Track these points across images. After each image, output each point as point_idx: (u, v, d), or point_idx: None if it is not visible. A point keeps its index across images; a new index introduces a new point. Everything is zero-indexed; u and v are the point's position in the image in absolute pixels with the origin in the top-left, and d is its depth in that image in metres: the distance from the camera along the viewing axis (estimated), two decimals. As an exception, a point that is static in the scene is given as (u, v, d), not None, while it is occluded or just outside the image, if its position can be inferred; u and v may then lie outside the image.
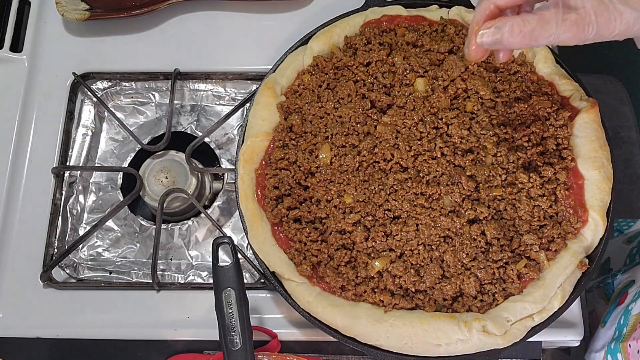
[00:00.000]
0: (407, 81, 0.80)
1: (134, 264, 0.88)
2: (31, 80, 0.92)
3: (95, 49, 0.94)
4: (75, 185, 0.91)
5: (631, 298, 0.80)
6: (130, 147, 0.93)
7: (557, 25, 0.55)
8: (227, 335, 0.67)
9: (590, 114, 0.77)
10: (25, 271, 0.83)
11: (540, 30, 0.55)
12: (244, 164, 0.78)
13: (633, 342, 0.72)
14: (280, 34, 0.92)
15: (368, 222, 0.74)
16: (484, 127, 0.77)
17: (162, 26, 0.95)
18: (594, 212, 0.73)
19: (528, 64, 0.81)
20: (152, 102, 0.95)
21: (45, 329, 0.81)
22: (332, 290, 0.73)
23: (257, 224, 0.75)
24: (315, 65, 0.82)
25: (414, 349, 0.69)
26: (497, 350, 0.69)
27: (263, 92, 0.81)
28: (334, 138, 0.77)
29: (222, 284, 0.68)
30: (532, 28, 0.55)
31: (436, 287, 0.71)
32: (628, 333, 0.74)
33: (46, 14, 0.96)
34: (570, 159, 0.75)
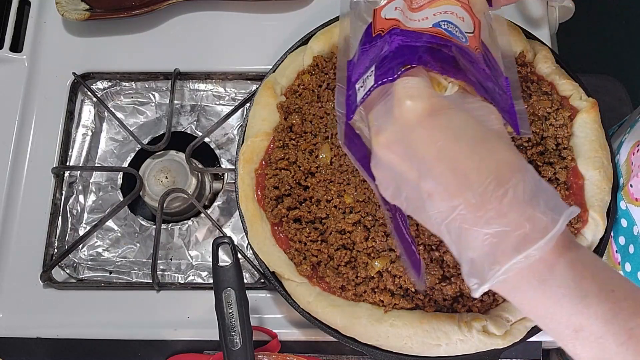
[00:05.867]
0: (407, 81, 0.80)
1: (134, 264, 0.88)
2: (31, 80, 0.92)
3: (95, 49, 0.94)
4: (75, 185, 0.91)
5: (614, 152, 0.79)
6: (130, 147, 0.93)
7: None
8: (227, 335, 0.67)
9: (590, 114, 0.77)
10: (25, 271, 0.83)
11: None
12: (244, 164, 0.78)
13: (634, 180, 0.71)
14: (280, 34, 0.92)
15: (368, 222, 0.74)
16: (484, 127, 0.77)
17: (162, 26, 0.95)
18: (594, 212, 0.73)
19: (528, 64, 0.81)
20: (152, 102, 0.95)
21: (45, 329, 0.81)
22: (332, 290, 0.73)
23: (257, 224, 0.75)
24: (315, 65, 0.82)
25: (414, 349, 0.69)
26: (497, 350, 0.69)
27: (263, 92, 0.81)
28: (334, 138, 0.77)
29: (222, 284, 0.68)
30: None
31: (436, 287, 0.71)
32: (625, 180, 0.74)
33: (46, 14, 0.96)
34: (570, 159, 0.75)
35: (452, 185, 0.42)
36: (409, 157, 0.44)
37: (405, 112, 0.44)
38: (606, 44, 1.59)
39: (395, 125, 0.45)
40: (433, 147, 0.43)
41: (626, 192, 0.73)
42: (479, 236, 0.41)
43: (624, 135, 0.79)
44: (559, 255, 0.42)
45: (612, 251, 0.76)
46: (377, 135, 0.46)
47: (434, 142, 0.43)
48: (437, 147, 0.43)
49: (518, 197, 0.41)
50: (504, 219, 0.41)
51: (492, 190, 0.41)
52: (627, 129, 0.79)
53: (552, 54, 0.82)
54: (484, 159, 0.42)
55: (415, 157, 0.44)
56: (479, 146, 0.43)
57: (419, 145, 0.43)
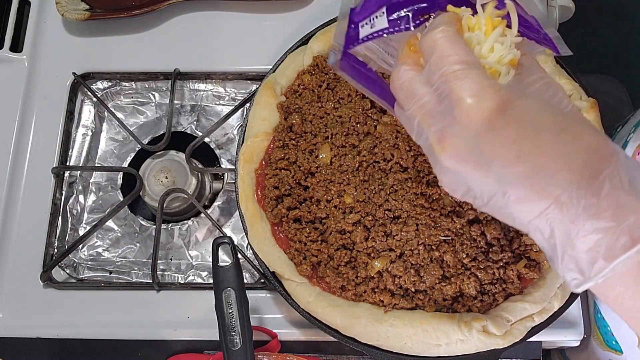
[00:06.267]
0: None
1: (134, 264, 0.88)
2: (31, 80, 0.92)
3: (95, 49, 0.94)
4: (75, 185, 0.91)
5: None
6: (130, 147, 0.93)
7: None
8: (227, 335, 0.67)
9: (590, 114, 0.76)
10: (25, 271, 0.83)
11: None
12: (244, 164, 0.78)
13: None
14: (280, 34, 0.92)
15: (368, 222, 0.74)
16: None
17: (162, 26, 0.95)
18: (594, 212, 0.72)
19: (528, 64, 0.81)
20: (152, 102, 0.95)
21: (45, 329, 0.81)
22: (332, 290, 0.73)
23: (257, 224, 0.75)
24: (315, 65, 0.82)
25: (414, 349, 0.69)
26: (497, 350, 0.69)
27: (263, 92, 0.81)
28: (334, 138, 0.77)
29: (222, 284, 0.68)
30: None
31: (436, 287, 0.71)
32: None
33: (46, 14, 0.96)
34: (570, 159, 0.75)
35: (541, 185, 0.38)
36: (484, 164, 0.40)
37: (470, 114, 0.39)
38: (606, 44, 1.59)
39: (461, 131, 0.40)
40: (512, 147, 0.38)
41: None
42: (579, 233, 0.37)
43: (629, 135, 0.78)
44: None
45: None
46: (441, 144, 0.41)
47: (512, 143, 0.38)
48: (516, 147, 0.38)
49: (616, 187, 0.37)
50: (606, 213, 0.37)
51: (586, 184, 0.37)
52: (631, 129, 0.79)
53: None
54: (569, 151, 0.38)
55: (492, 163, 0.39)
56: (562, 136, 0.38)
57: (495, 149, 0.39)
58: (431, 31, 0.42)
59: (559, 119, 0.39)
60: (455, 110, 0.40)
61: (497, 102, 0.39)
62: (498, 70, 0.44)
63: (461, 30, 0.44)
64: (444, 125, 0.41)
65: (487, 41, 0.44)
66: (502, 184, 0.39)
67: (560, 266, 0.40)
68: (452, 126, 0.40)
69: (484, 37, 0.44)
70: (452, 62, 0.40)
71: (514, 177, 0.39)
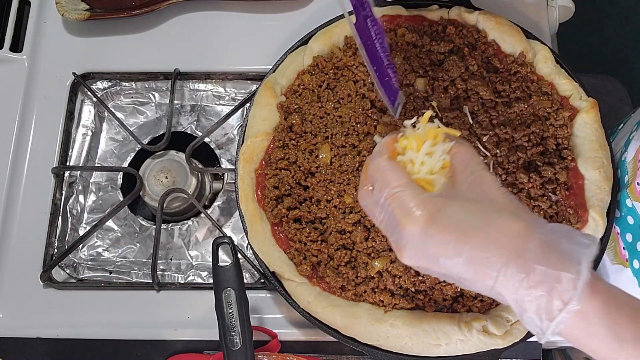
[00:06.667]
0: (407, 81, 0.80)
1: (134, 264, 0.88)
2: (31, 80, 0.92)
3: (95, 49, 0.94)
4: (75, 185, 0.91)
5: (620, 150, 0.79)
6: (130, 147, 0.93)
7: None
8: (227, 335, 0.67)
9: (590, 114, 0.77)
10: (25, 271, 0.83)
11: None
12: (244, 164, 0.78)
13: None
14: (280, 34, 0.92)
15: (368, 222, 0.74)
16: (484, 127, 0.77)
17: (162, 26, 0.95)
18: (594, 212, 0.73)
19: (528, 64, 0.81)
20: (152, 102, 0.95)
21: (45, 329, 0.81)
22: (332, 290, 0.73)
23: (257, 224, 0.75)
24: (315, 65, 0.82)
25: (414, 349, 0.69)
26: (497, 350, 0.69)
27: (263, 92, 0.81)
28: (334, 138, 0.77)
29: (222, 284, 0.68)
30: None
31: (436, 287, 0.71)
32: (631, 177, 0.74)
33: (46, 14, 0.96)
34: (570, 159, 0.75)
35: (479, 272, 0.47)
36: (433, 261, 0.48)
37: (409, 228, 0.48)
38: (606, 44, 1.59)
39: (408, 241, 0.49)
40: (448, 247, 0.47)
41: (632, 190, 0.73)
42: (524, 302, 0.46)
43: (632, 132, 0.79)
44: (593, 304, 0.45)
45: (619, 248, 0.76)
46: (398, 252, 0.50)
47: (447, 243, 0.47)
48: (451, 246, 0.47)
49: (539, 261, 0.45)
50: (538, 287, 0.45)
51: (514, 265, 0.45)
52: (634, 127, 0.79)
53: (552, 54, 0.82)
54: (495, 241, 0.46)
55: (437, 258, 0.48)
56: (486, 230, 0.47)
57: (437, 250, 0.47)
58: (372, 160, 0.53)
59: (482, 217, 0.48)
60: (398, 226, 0.49)
61: (427, 214, 0.48)
62: (431, 180, 0.52)
63: (395, 153, 0.54)
64: (397, 237, 0.50)
65: (417, 158, 0.53)
66: (453, 272, 0.48)
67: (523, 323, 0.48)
68: (401, 238, 0.49)
69: (415, 154, 0.53)
70: (390, 187, 0.50)
71: (457, 270, 0.47)
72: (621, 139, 0.82)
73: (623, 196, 0.75)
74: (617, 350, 0.45)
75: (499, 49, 0.83)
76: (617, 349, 0.45)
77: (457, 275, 0.48)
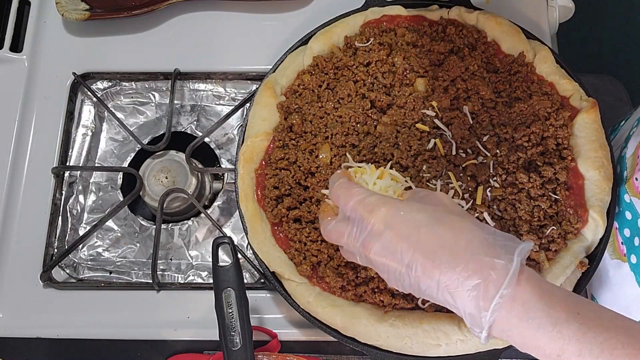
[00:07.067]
0: (407, 81, 0.80)
1: (134, 264, 0.88)
2: (31, 80, 0.92)
3: (95, 49, 0.94)
4: (75, 185, 0.91)
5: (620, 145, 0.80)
6: (130, 147, 0.93)
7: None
8: (227, 335, 0.67)
9: (590, 114, 0.77)
10: (25, 271, 0.83)
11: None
12: (244, 164, 0.78)
13: (639, 173, 0.72)
14: (280, 34, 0.92)
15: (368, 222, 0.73)
16: (484, 127, 0.77)
17: (162, 26, 0.95)
18: (594, 212, 0.73)
19: (528, 64, 0.81)
20: (152, 102, 0.95)
21: (45, 329, 0.81)
22: (332, 290, 0.73)
23: (257, 224, 0.75)
24: (315, 65, 0.82)
25: (414, 349, 0.69)
26: (497, 350, 0.69)
27: (263, 92, 0.81)
28: (334, 138, 0.77)
29: (222, 284, 0.68)
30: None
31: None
32: (629, 173, 0.74)
33: (46, 14, 0.96)
34: (570, 159, 0.75)
35: (428, 265, 0.51)
36: (394, 256, 0.53)
37: (374, 222, 0.54)
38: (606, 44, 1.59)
39: (373, 236, 0.55)
40: (404, 241, 0.53)
41: (630, 185, 0.73)
42: (463, 295, 0.50)
43: (632, 129, 0.79)
44: (527, 290, 0.49)
45: (617, 243, 0.76)
46: (364, 250, 0.55)
47: (403, 238, 0.53)
48: (406, 240, 0.53)
49: (477, 252, 0.50)
50: (475, 275, 0.49)
51: (455, 257, 0.50)
52: (634, 123, 0.80)
53: (552, 54, 0.82)
54: (441, 236, 0.52)
55: (396, 254, 0.53)
56: (435, 227, 0.53)
57: (394, 245, 0.53)
58: (332, 187, 0.61)
59: (434, 215, 0.54)
60: (366, 226, 0.55)
61: (387, 209, 0.54)
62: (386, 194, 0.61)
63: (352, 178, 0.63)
64: (364, 238, 0.55)
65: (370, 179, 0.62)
66: (407, 269, 0.53)
67: (469, 327, 0.52)
68: (368, 236, 0.55)
69: (369, 177, 0.62)
70: (354, 196, 0.57)
71: (411, 263, 0.52)
72: (622, 136, 0.82)
73: (622, 191, 0.75)
74: (553, 333, 0.48)
75: (499, 49, 0.83)
76: (553, 331, 0.48)
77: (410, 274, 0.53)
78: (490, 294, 0.49)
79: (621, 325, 0.48)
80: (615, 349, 0.46)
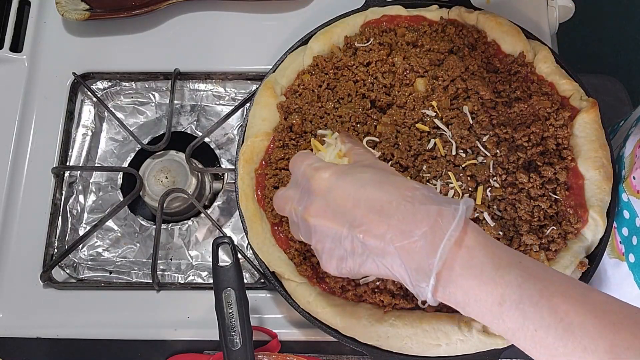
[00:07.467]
0: (407, 81, 0.80)
1: (134, 264, 0.88)
2: (31, 80, 0.92)
3: (95, 49, 0.94)
4: (75, 185, 0.91)
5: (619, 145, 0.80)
6: (130, 147, 0.93)
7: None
8: (227, 335, 0.67)
9: (590, 114, 0.77)
10: (25, 271, 0.83)
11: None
12: (244, 164, 0.78)
13: (636, 172, 0.72)
14: (280, 34, 0.92)
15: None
16: (484, 127, 0.77)
17: (162, 26, 0.95)
18: (594, 212, 0.73)
19: (528, 64, 0.81)
20: (152, 102, 0.95)
21: (45, 329, 0.81)
22: (332, 290, 0.73)
23: (257, 224, 0.75)
24: (315, 65, 0.82)
25: (414, 349, 0.69)
26: (497, 350, 0.69)
27: (263, 92, 0.81)
28: (334, 138, 0.77)
29: (222, 284, 0.68)
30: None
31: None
32: (627, 172, 0.75)
33: (46, 14, 0.96)
34: (570, 159, 0.75)
35: (374, 220, 0.51)
36: (336, 215, 0.53)
37: (320, 183, 0.55)
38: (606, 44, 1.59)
39: (317, 198, 0.55)
40: (349, 199, 0.53)
41: (628, 184, 0.73)
42: (412, 246, 0.49)
43: (631, 128, 0.79)
44: (472, 237, 0.50)
45: (615, 242, 0.76)
46: (307, 210, 0.55)
47: (348, 195, 0.53)
48: (352, 198, 0.53)
49: (426, 203, 0.51)
50: (423, 223, 0.49)
51: (404, 209, 0.51)
52: (633, 123, 0.80)
53: (552, 54, 0.82)
54: (388, 191, 0.52)
55: (340, 213, 0.53)
56: (380, 183, 0.53)
57: (339, 202, 0.53)
58: (293, 157, 0.62)
59: (378, 174, 0.55)
60: (311, 187, 0.55)
61: (333, 170, 0.55)
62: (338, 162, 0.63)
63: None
64: (307, 201, 0.56)
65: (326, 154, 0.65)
66: (351, 227, 0.52)
67: (412, 285, 0.51)
68: (311, 198, 0.55)
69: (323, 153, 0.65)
70: (307, 162, 0.58)
71: (357, 220, 0.52)
72: (621, 136, 0.83)
73: (619, 191, 0.75)
74: (495, 279, 0.48)
75: (499, 49, 0.83)
76: (495, 276, 0.48)
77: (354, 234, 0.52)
78: (438, 238, 0.49)
79: (560, 277, 0.49)
80: (554, 297, 0.46)
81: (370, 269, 0.53)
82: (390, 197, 0.51)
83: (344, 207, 0.52)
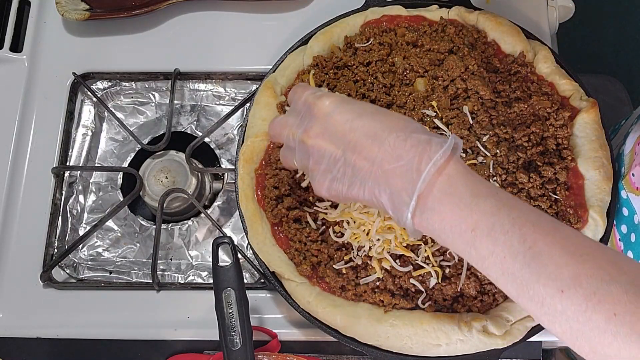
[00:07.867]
0: (407, 81, 0.80)
1: (134, 264, 0.88)
2: (31, 80, 0.92)
3: (95, 49, 0.94)
4: (75, 185, 0.91)
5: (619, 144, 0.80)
6: (130, 147, 0.93)
7: None
8: (227, 335, 0.67)
9: (590, 114, 0.77)
10: (25, 271, 0.83)
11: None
12: (244, 164, 0.78)
13: (635, 169, 0.72)
14: (280, 34, 0.92)
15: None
16: (484, 127, 0.77)
17: (162, 26, 0.95)
18: (594, 212, 0.73)
19: (528, 64, 0.81)
20: (152, 102, 0.95)
21: (45, 329, 0.81)
22: (332, 290, 0.73)
23: (257, 224, 0.75)
24: (315, 65, 0.82)
25: (414, 349, 0.69)
26: (497, 350, 0.69)
27: (263, 92, 0.81)
28: (334, 138, 0.77)
29: (222, 284, 0.68)
30: None
31: (436, 287, 0.71)
32: (627, 169, 0.75)
33: (46, 14, 0.96)
34: (570, 159, 0.75)
35: (368, 144, 0.54)
36: (333, 138, 0.56)
37: (322, 107, 0.58)
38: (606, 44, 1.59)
39: (317, 121, 0.57)
40: (346, 124, 0.56)
41: (627, 181, 0.73)
42: (399, 170, 0.52)
43: (632, 125, 0.79)
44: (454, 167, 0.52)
45: (615, 239, 0.76)
46: (307, 132, 0.58)
47: (346, 121, 0.56)
48: (349, 123, 0.56)
49: (418, 133, 0.53)
50: (412, 150, 0.52)
51: (396, 136, 0.53)
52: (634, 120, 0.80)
53: (552, 54, 0.82)
54: (383, 121, 0.55)
55: (337, 136, 0.56)
56: (377, 114, 0.56)
57: (337, 126, 0.56)
58: (293, 87, 0.64)
59: (374, 108, 0.58)
60: (312, 112, 0.58)
61: (334, 98, 0.58)
62: None
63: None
64: (307, 124, 0.58)
65: None
66: (345, 150, 0.55)
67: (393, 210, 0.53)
68: (311, 121, 0.58)
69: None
70: (308, 90, 0.61)
71: (351, 144, 0.55)
72: (621, 135, 0.83)
73: (619, 188, 0.75)
74: (471, 206, 0.50)
75: (499, 49, 0.83)
76: (471, 203, 0.50)
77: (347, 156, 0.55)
78: (425, 163, 0.51)
79: (534, 210, 0.50)
80: (525, 226, 0.48)
81: (357, 193, 0.55)
82: (384, 125, 0.55)
83: (341, 131, 0.56)
